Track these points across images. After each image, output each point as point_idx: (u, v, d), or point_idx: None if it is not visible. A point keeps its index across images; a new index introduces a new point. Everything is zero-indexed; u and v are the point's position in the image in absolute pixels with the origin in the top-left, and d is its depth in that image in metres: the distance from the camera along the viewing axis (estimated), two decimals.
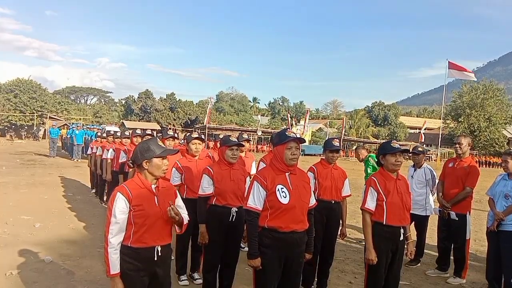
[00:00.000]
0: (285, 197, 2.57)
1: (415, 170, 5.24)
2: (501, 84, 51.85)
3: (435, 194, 5.06)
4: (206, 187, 3.43)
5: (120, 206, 2.28)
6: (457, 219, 4.48)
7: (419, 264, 5.07)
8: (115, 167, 6.91)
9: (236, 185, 3.46)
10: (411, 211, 5.04)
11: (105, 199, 8.11)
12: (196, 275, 4.14)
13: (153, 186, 2.40)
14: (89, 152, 9.51)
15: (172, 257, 3.84)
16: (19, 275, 4.02)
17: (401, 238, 3.12)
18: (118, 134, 7.79)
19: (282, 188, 2.60)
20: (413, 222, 5.13)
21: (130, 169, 5.32)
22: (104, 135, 9.00)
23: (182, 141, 6.59)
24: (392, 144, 3.14)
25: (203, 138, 4.22)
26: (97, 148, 8.47)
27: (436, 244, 5.03)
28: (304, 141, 2.90)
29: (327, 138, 4.72)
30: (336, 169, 4.01)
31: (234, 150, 3.48)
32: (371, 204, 3.11)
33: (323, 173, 3.93)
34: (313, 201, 2.86)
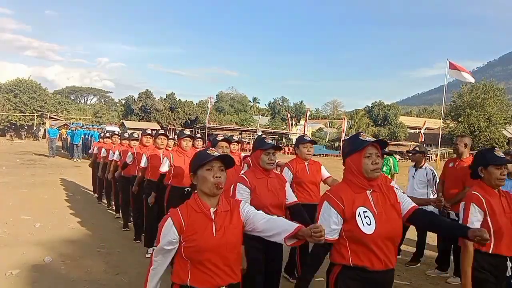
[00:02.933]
0: (369, 225, 1.95)
1: (416, 170, 5.25)
2: (501, 84, 51.76)
3: (436, 194, 5.07)
4: (244, 198, 2.81)
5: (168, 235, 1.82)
6: (457, 219, 4.47)
7: (419, 264, 5.07)
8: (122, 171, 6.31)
9: (275, 196, 2.95)
10: None
11: (103, 199, 8.11)
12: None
13: (211, 210, 1.87)
14: (91, 151, 9.27)
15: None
16: (19, 275, 4.02)
17: (509, 272, 2.44)
18: (126, 135, 6.92)
19: (365, 212, 1.99)
20: None
21: (139, 173, 5.28)
22: (108, 135, 8.55)
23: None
24: (496, 153, 2.52)
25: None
26: (98, 149, 8.15)
27: (436, 244, 5.03)
28: (387, 144, 2.33)
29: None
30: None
31: (271, 155, 2.97)
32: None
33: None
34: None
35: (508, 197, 2.53)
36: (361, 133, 2.13)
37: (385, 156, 6.65)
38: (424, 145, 7.27)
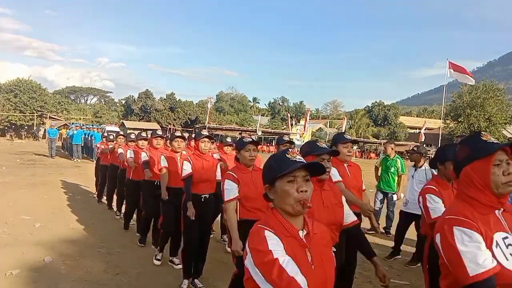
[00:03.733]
0: None
1: (415, 170, 5.24)
2: (501, 84, 51.72)
3: None
4: None
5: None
6: None
7: (419, 264, 5.06)
8: (132, 174, 5.86)
9: (331, 214, 2.71)
10: (411, 211, 5.10)
11: (104, 199, 8.01)
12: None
13: (300, 233, 1.42)
14: (96, 152, 9.04)
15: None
16: (19, 275, 4.02)
17: None
18: (132, 136, 6.49)
19: (505, 239, 1.44)
20: (413, 222, 5.14)
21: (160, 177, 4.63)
22: (111, 136, 8.15)
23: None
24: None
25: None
26: (107, 149, 7.81)
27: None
28: None
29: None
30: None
31: (326, 161, 2.50)
32: None
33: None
34: None
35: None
36: (482, 133, 1.62)
37: (391, 157, 6.67)
38: (424, 145, 7.26)
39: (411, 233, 5.25)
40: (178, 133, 4.73)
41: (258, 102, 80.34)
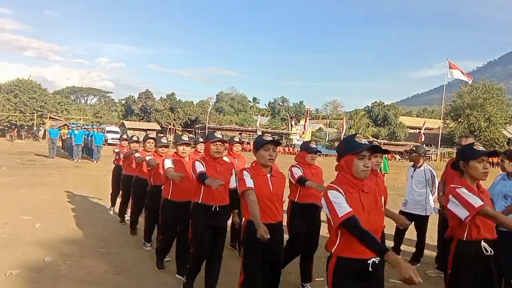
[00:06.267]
0: None
1: (414, 170, 5.24)
2: (501, 84, 51.73)
3: (435, 194, 5.06)
4: None
5: None
6: None
7: (419, 264, 5.07)
8: (153, 180, 5.00)
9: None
10: (411, 211, 5.10)
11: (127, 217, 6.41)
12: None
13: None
14: (117, 157, 7.42)
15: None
16: (19, 275, 4.02)
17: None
18: (164, 141, 5.20)
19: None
20: (413, 222, 5.14)
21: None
22: (134, 137, 6.64)
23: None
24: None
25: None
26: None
27: (436, 244, 5.03)
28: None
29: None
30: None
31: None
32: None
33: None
34: None
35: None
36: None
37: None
38: (424, 145, 7.27)
39: (411, 233, 5.25)
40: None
41: (258, 102, 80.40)
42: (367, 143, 2.14)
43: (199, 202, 3.56)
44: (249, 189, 2.88)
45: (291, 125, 47.90)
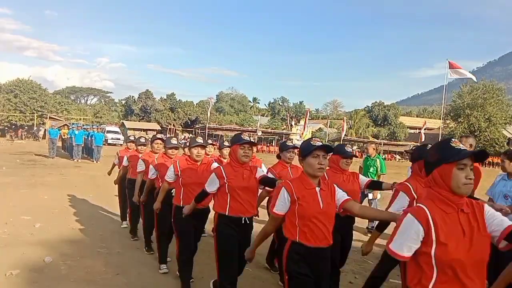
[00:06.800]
0: None
1: None
2: (501, 84, 51.73)
3: None
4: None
5: None
6: None
7: None
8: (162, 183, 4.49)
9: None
10: None
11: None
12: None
13: None
14: (117, 161, 6.83)
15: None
16: (19, 275, 4.02)
17: None
18: (174, 142, 4.75)
19: None
20: None
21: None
22: (142, 139, 6.09)
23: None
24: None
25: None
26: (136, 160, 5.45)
27: None
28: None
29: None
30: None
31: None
32: None
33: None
34: None
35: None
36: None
37: (372, 156, 6.72)
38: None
39: None
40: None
41: (258, 102, 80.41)
42: (466, 148, 1.73)
43: (226, 214, 3.15)
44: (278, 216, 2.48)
45: (291, 125, 47.92)
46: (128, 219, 5.97)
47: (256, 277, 4.34)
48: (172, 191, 4.11)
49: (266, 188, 3.49)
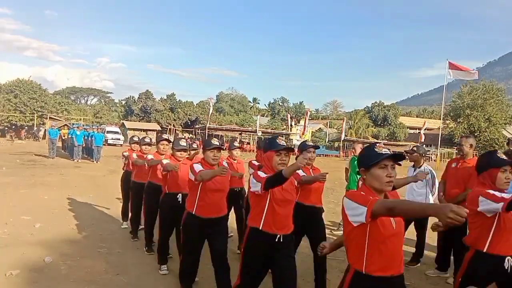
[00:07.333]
0: None
1: (415, 170, 5.24)
2: (501, 84, 51.75)
3: (435, 194, 5.07)
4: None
5: None
6: None
7: (419, 264, 5.07)
8: (169, 187, 4.27)
9: None
10: None
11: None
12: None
13: None
14: (125, 160, 6.42)
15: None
16: (19, 275, 4.02)
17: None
18: (183, 143, 4.41)
19: None
20: (413, 222, 5.14)
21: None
22: (147, 139, 5.77)
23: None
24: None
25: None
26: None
27: (436, 244, 5.03)
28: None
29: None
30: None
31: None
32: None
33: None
34: None
35: None
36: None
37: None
38: (424, 146, 7.28)
39: (411, 233, 5.25)
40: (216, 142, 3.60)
41: (258, 103, 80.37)
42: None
43: (260, 228, 2.79)
44: None
45: (291, 125, 47.83)
46: (129, 220, 5.96)
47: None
48: (178, 196, 4.09)
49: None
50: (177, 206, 4.00)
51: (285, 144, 2.84)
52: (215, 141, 3.54)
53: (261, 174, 2.78)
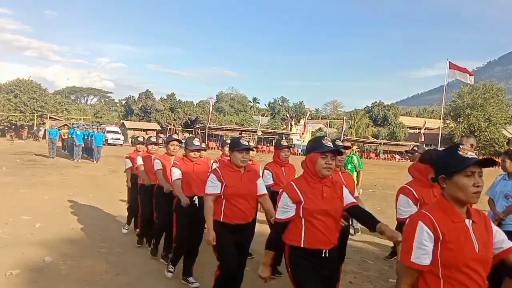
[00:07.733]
0: None
1: None
2: (501, 84, 51.79)
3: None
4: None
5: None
6: None
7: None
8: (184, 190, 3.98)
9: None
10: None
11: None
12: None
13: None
14: (128, 165, 5.81)
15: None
16: (19, 275, 4.01)
17: None
18: (197, 142, 4.09)
19: None
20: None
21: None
22: (153, 138, 5.45)
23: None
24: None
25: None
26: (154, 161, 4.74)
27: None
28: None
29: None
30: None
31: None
32: None
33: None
34: None
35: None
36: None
37: (349, 154, 6.71)
38: (424, 145, 7.27)
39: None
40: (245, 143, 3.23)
41: (258, 102, 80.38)
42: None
43: (302, 246, 2.38)
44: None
45: (291, 125, 47.84)
46: (138, 227, 5.48)
47: (256, 278, 4.33)
48: (194, 199, 3.83)
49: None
50: (194, 209, 3.84)
51: (331, 146, 2.42)
52: (244, 141, 3.18)
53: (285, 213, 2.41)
